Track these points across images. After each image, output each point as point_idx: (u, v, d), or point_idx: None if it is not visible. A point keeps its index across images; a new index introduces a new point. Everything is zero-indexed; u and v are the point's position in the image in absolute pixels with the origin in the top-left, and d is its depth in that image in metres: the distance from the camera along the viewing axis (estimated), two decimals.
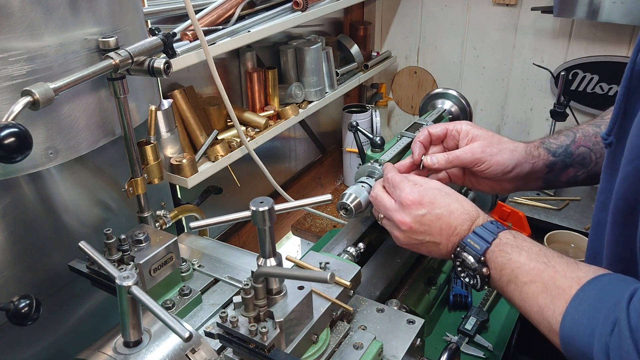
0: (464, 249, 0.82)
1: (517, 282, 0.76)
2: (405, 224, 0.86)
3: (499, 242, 0.80)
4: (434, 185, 0.89)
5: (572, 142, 1.01)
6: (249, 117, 1.66)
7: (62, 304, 1.07)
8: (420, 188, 0.88)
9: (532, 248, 0.78)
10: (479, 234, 0.82)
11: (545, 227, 1.87)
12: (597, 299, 0.67)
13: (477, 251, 0.80)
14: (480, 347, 1.18)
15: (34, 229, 1.00)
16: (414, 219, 0.86)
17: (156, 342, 0.77)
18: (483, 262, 0.80)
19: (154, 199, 1.08)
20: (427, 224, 0.85)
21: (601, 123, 1.02)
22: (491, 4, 2.14)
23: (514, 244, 0.79)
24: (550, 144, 1.02)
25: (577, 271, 0.72)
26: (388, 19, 2.44)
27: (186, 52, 1.30)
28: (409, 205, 0.86)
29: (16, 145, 0.65)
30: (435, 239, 0.85)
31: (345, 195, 0.97)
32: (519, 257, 0.77)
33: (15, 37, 0.74)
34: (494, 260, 0.80)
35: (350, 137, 2.24)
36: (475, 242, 0.81)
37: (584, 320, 0.66)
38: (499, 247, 0.80)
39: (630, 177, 0.72)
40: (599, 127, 1.01)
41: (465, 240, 0.82)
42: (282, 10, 1.64)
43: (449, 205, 0.86)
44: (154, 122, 1.04)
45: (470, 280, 0.83)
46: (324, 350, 0.77)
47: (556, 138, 1.02)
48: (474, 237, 0.82)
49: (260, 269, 0.70)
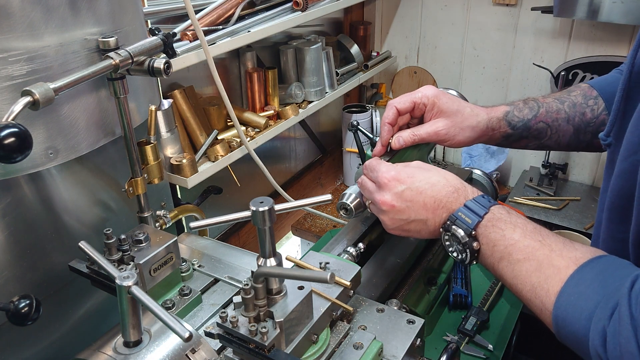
0: (454, 222, 0.79)
1: (510, 260, 0.74)
2: (385, 203, 0.84)
3: (492, 217, 0.78)
4: (412, 164, 0.88)
5: (534, 117, 1.01)
6: (249, 117, 1.66)
7: (62, 304, 1.07)
8: (397, 166, 0.87)
9: (526, 225, 0.77)
10: (470, 207, 0.79)
11: (545, 227, 1.87)
12: (595, 281, 0.66)
13: (468, 225, 0.78)
14: (480, 347, 1.18)
15: (34, 229, 1.00)
16: (393, 196, 0.83)
17: (156, 342, 0.77)
18: (474, 236, 0.78)
19: (154, 199, 1.08)
20: (408, 199, 0.83)
21: (565, 100, 1.03)
22: (491, 4, 2.14)
23: (508, 220, 0.77)
24: (513, 117, 1.02)
25: (574, 251, 0.71)
26: (388, 19, 2.45)
27: (186, 52, 1.30)
28: (386, 184, 0.84)
29: (16, 145, 0.65)
30: (420, 215, 0.83)
31: (345, 195, 0.97)
32: (512, 234, 0.75)
33: (15, 37, 0.74)
34: (486, 235, 0.77)
35: (350, 137, 2.24)
36: (467, 215, 0.79)
37: (580, 302, 0.65)
38: (491, 222, 0.78)
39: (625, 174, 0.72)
40: (562, 103, 1.02)
41: (455, 213, 0.80)
42: (282, 10, 1.64)
43: (429, 178, 0.83)
44: (154, 122, 1.04)
45: (458, 255, 0.80)
46: (324, 350, 0.77)
47: (521, 110, 1.02)
48: (465, 210, 0.79)
49: (260, 269, 0.70)
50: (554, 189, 2.11)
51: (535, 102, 1.03)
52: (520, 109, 1.02)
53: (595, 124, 1.01)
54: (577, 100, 1.02)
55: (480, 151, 2.28)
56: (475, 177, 1.33)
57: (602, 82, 1.04)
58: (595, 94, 1.01)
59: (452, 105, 0.96)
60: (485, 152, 2.27)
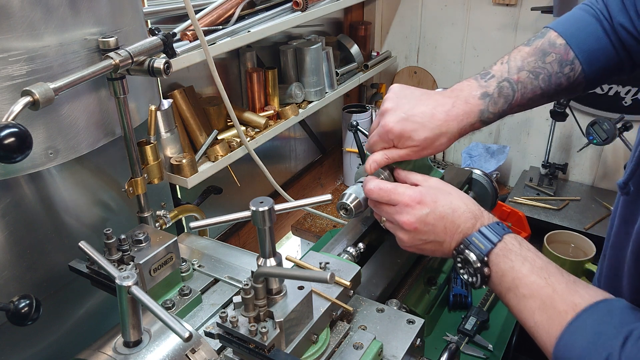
0: (468, 247, 0.81)
1: (516, 293, 0.76)
2: (410, 224, 0.85)
3: (504, 247, 0.79)
4: (434, 184, 0.89)
5: (509, 106, 0.95)
6: (249, 117, 1.66)
7: (62, 304, 1.07)
8: (420, 188, 0.87)
9: (535, 260, 0.77)
10: (484, 233, 0.81)
11: (545, 227, 1.87)
12: (591, 332, 0.67)
13: (481, 251, 0.79)
14: (480, 347, 1.18)
15: (34, 229, 1.00)
16: (418, 219, 0.85)
17: (156, 342, 0.77)
18: (486, 262, 0.79)
19: (154, 199, 1.08)
20: (431, 223, 0.84)
21: (540, 72, 0.94)
22: (491, 4, 2.14)
23: (519, 252, 0.78)
24: (488, 115, 0.95)
25: (575, 296, 0.72)
26: (388, 19, 2.45)
27: (186, 52, 1.30)
28: (410, 206, 0.85)
29: (16, 145, 0.65)
30: (439, 237, 0.85)
31: (345, 195, 0.97)
32: (521, 268, 0.77)
33: (15, 37, 0.74)
34: (496, 264, 0.79)
35: (350, 137, 2.24)
36: (480, 241, 0.80)
37: (576, 350, 0.67)
38: (503, 251, 0.79)
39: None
40: (537, 77, 0.94)
41: (469, 238, 0.81)
42: (282, 10, 1.64)
43: (451, 203, 0.85)
44: (154, 122, 1.04)
45: (469, 277, 0.82)
46: (324, 350, 0.77)
47: (495, 103, 0.94)
48: (479, 236, 0.81)
49: (260, 269, 0.70)
50: (554, 189, 2.11)
51: (510, 84, 0.95)
52: (495, 101, 0.94)
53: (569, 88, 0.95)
54: (552, 69, 0.93)
55: (480, 151, 2.28)
56: (475, 177, 1.33)
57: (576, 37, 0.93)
58: (571, 56, 0.92)
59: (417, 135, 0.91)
60: (485, 152, 2.27)
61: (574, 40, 0.92)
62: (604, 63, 0.92)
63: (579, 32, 0.93)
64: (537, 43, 0.95)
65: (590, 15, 0.93)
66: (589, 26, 0.92)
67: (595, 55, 0.91)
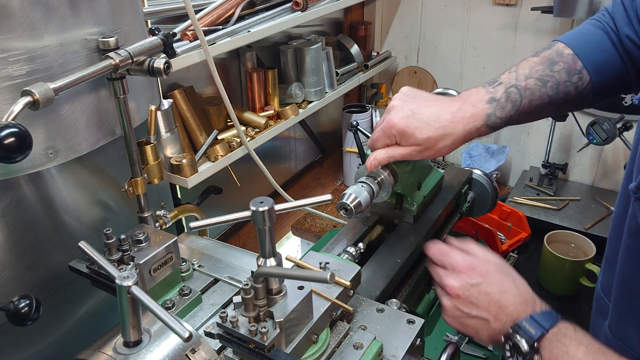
0: (517, 332, 0.77)
1: None
2: (453, 289, 0.83)
3: (557, 332, 0.75)
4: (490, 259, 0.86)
5: (516, 112, 0.95)
6: (249, 117, 1.66)
7: (62, 304, 1.08)
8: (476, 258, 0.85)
9: (591, 344, 0.74)
10: (536, 319, 0.77)
11: (545, 227, 1.87)
12: None
13: (531, 335, 0.75)
14: (480, 347, 1.18)
15: (34, 229, 1.00)
16: (462, 286, 0.82)
17: (156, 342, 0.77)
18: (537, 348, 0.75)
19: (154, 199, 1.08)
20: (474, 295, 0.82)
21: (549, 80, 0.93)
22: (491, 4, 2.14)
23: (573, 336, 0.74)
24: (495, 120, 0.94)
25: None
26: (388, 19, 2.45)
27: (186, 52, 1.30)
28: (460, 271, 0.83)
29: (16, 145, 0.65)
30: (482, 314, 0.81)
31: (345, 195, 0.97)
32: (576, 352, 0.73)
33: (15, 37, 0.74)
34: (549, 350, 0.74)
35: (350, 137, 2.24)
36: (531, 326, 0.76)
37: None
38: (556, 336, 0.75)
39: None
40: (545, 84, 0.93)
41: (520, 322, 0.77)
42: (282, 10, 1.64)
43: (502, 284, 0.82)
44: (154, 122, 1.04)
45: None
46: (324, 350, 0.77)
47: (503, 108, 0.94)
48: (530, 321, 0.77)
49: (260, 269, 0.70)
50: (554, 189, 2.11)
51: (518, 90, 0.94)
52: (502, 106, 0.94)
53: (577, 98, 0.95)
54: (560, 78, 0.93)
55: (480, 151, 2.28)
56: (475, 177, 1.33)
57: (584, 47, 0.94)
58: (579, 66, 0.93)
59: (421, 133, 0.91)
60: (485, 152, 2.27)
61: (581, 50, 0.93)
62: (611, 74, 0.91)
63: (587, 43, 0.93)
64: (545, 53, 0.95)
65: (598, 28, 0.94)
66: (597, 37, 0.93)
67: (603, 66, 0.91)
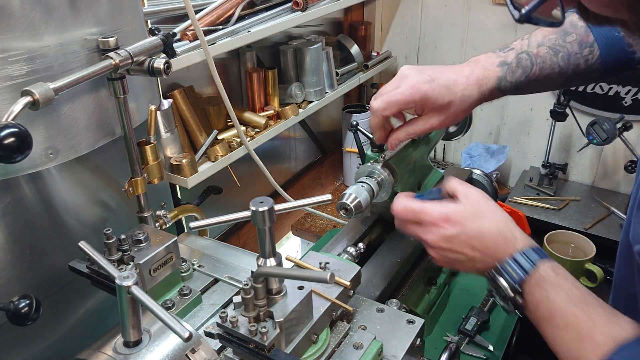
0: (500, 274, 0.78)
1: (551, 324, 0.74)
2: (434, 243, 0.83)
3: (539, 277, 0.76)
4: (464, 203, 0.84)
5: (526, 78, 0.96)
6: (249, 117, 1.66)
7: (62, 304, 1.07)
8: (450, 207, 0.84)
9: (572, 290, 0.74)
10: (518, 261, 0.77)
11: (545, 227, 1.87)
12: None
13: (514, 280, 0.76)
14: (480, 347, 1.18)
15: (34, 229, 1.00)
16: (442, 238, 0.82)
17: (156, 342, 0.77)
18: (519, 292, 0.76)
19: (154, 199, 1.08)
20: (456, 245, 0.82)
21: (560, 50, 0.95)
22: (491, 4, 2.14)
23: (554, 282, 0.75)
24: (506, 84, 0.96)
25: (616, 327, 0.69)
26: (388, 19, 2.44)
27: (186, 52, 1.30)
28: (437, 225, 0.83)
29: (16, 145, 0.65)
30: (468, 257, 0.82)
31: (345, 195, 0.97)
32: (556, 298, 0.74)
33: (15, 37, 0.74)
34: (531, 293, 0.76)
35: (350, 137, 2.24)
36: (513, 269, 0.77)
37: None
38: (537, 281, 0.76)
39: None
40: (557, 54, 0.95)
41: (502, 265, 0.78)
42: (282, 10, 1.64)
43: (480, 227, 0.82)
44: (154, 122, 1.04)
45: (503, 303, 0.79)
46: (324, 350, 0.77)
47: (514, 72, 0.96)
48: (512, 263, 0.77)
49: (260, 269, 0.70)
50: (554, 189, 2.11)
51: (529, 57, 0.96)
52: (513, 70, 0.95)
53: (586, 72, 0.96)
54: (572, 49, 0.95)
55: (480, 151, 2.28)
56: (475, 177, 1.33)
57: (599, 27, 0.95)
58: (591, 39, 0.94)
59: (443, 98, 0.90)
60: (485, 152, 2.27)
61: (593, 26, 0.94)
62: (620, 53, 0.93)
63: None
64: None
65: None
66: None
67: (612, 42, 0.92)
